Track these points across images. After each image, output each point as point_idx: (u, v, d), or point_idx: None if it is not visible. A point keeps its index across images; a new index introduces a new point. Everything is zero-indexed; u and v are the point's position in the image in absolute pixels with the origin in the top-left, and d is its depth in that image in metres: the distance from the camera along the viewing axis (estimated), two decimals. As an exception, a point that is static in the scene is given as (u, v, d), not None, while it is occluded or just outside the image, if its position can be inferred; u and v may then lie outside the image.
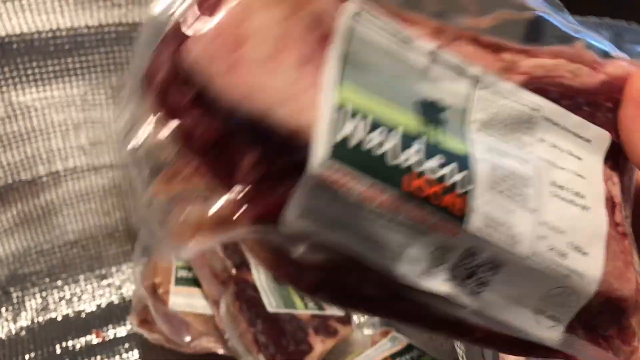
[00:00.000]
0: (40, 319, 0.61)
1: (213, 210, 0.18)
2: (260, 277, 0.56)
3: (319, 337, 0.54)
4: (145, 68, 0.18)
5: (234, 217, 0.18)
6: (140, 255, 0.59)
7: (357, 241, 0.18)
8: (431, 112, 0.19)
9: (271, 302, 0.55)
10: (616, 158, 0.22)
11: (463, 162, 0.19)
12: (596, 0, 0.29)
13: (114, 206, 0.64)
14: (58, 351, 0.59)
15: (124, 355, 0.60)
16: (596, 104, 0.22)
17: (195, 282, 0.58)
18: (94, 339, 0.60)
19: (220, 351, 0.54)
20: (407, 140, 0.18)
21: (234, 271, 0.57)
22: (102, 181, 0.62)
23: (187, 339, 0.54)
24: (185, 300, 0.57)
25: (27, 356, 0.58)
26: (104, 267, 0.65)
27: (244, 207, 0.18)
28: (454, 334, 0.22)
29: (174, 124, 0.18)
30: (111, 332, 0.61)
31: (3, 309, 0.60)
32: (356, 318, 0.60)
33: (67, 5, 0.53)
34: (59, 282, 0.63)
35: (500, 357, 0.40)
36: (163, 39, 0.18)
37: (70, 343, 0.60)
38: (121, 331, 0.61)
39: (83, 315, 0.62)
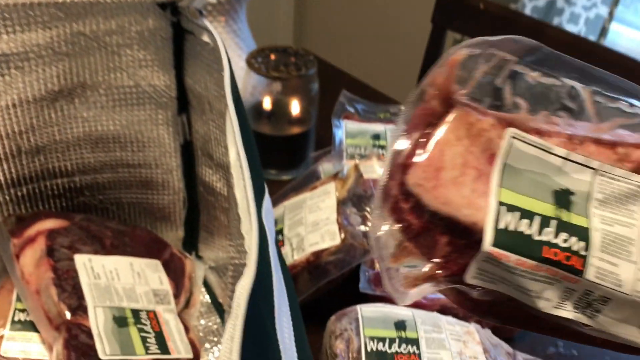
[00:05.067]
0: None
1: (423, 272, 0.29)
2: (98, 321, 0.50)
3: None
4: (384, 187, 0.29)
5: (435, 276, 0.29)
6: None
7: (512, 289, 0.29)
8: (563, 199, 0.29)
9: (105, 349, 0.49)
10: None
11: (582, 234, 0.28)
12: None
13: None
14: None
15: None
16: None
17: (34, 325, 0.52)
18: None
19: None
20: (545, 223, 0.28)
21: (68, 315, 0.50)
22: None
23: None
24: (21, 346, 0.51)
25: None
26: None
27: (440, 270, 0.29)
28: (578, 341, 0.31)
29: (400, 223, 0.29)
30: None
31: None
32: (211, 357, 0.58)
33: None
34: None
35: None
36: (395, 168, 0.29)
37: None
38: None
39: None
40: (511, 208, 0.28)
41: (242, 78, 0.80)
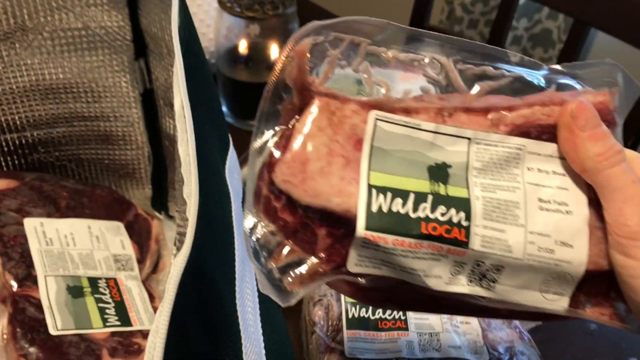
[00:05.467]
0: None
1: (307, 269, 0.27)
2: (49, 292, 0.45)
3: (115, 359, 0.44)
4: (254, 187, 0.28)
5: (320, 271, 0.27)
6: None
7: (398, 272, 0.28)
8: (439, 173, 0.28)
9: (56, 323, 0.43)
10: None
11: (462, 205, 0.27)
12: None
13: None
14: None
15: None
16: None
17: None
18: None
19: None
20: (419, 200, 0.27)
21: (14, 287, 0.45)
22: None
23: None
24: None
25: None
26: None
27: (324, 264, 0.27)
28: (485, 316, 0.31)
29: (275, 223, 0.27)
30: None
31: None
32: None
33: None
34: None
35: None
36: (262, 167, 0.28)
37: None
38: None
39: None
40: (383, 190, 0.27)
41: (215, 19, 0.73)
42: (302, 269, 0.27)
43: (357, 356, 0.45)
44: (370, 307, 0.48)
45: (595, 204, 0.28)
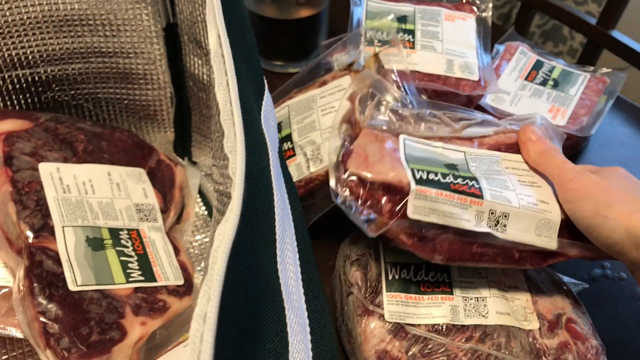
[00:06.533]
0: None
1: (379, 221, 0.40)
2: (68, 244, 0.42)
3: (139, 317, 0.41)
4: (335, 176, 0.42)
5: (387, 222, 0.40)
6: None
7: (441, 217, 0.40)
8: (451, 167, 0.43)
9: (75, 278, 0.41)
10: None
11: (473, 178, 0.42)
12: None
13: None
14: None
15: None
16: None
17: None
18: None
19: (21, 335, 0.42)
20: (444, 175, 0.41)
21: (30, 238, 0.41)
22: None
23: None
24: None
25: None
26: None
27: (389, 219, 0.40)
28: (505, 263, 0.43)
29: (353, 195, 0.41)
30: None
31: None
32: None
33: None
34: None
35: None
36: (338, 163, 0.42)
37: None
38: None
39: None
40: (420, 170, 0.41)
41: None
42: (375, 222, 0.40)
43: (398, 321, 0.42)
44: (412, 268, 0.44)
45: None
